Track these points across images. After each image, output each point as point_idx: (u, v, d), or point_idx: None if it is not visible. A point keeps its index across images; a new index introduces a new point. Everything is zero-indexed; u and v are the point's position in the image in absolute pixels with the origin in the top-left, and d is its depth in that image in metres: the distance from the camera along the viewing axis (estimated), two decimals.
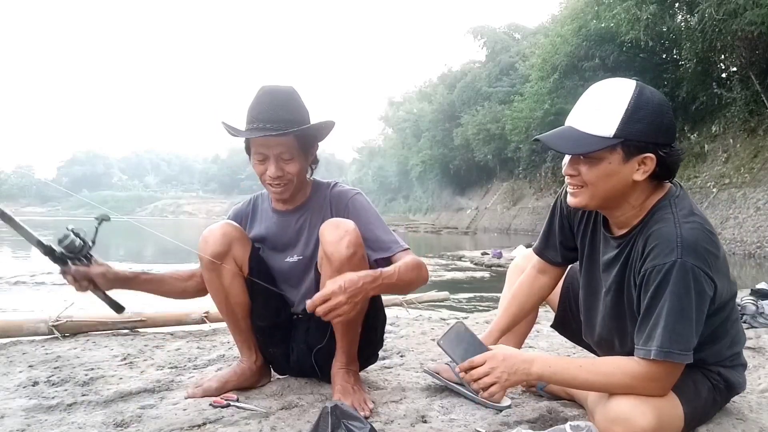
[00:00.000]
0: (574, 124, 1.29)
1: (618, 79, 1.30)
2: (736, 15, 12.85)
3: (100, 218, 1.61)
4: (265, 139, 1.65)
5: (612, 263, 1.42)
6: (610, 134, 1.24)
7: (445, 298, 4.58)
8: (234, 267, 1.75)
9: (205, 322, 2.97)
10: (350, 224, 1.63)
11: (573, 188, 1.36)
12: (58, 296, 4.76)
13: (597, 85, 1.32)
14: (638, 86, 1.26)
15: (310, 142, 1.74)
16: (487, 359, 1.33)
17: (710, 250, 1.25)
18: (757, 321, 2.94)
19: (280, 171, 1.68)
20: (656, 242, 1.26)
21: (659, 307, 1.24)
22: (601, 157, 1.27)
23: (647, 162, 1.27)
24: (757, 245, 11.56)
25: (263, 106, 1.66)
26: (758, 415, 1.59)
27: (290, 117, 1.65)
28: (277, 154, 1.67)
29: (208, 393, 1.76)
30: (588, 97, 1.31)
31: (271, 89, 1.70)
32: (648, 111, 1.24)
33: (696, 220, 1.28)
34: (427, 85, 48.22)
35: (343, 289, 1.41)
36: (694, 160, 15.95)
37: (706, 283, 1.23)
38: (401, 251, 1.70)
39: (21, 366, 2.14)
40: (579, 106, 1.32)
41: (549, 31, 22.85)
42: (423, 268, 1.66)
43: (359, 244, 1.61)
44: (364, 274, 1.48)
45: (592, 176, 1.30)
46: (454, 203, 39.26)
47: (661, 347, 1.22)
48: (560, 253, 1.67)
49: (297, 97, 1.71)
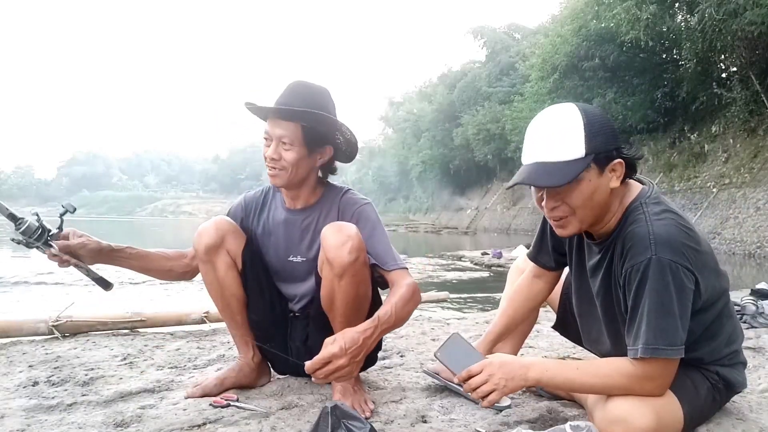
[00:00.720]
0: (540, 159, 1.31)
1: (557, 106, 1.34)
2: (736, 15, 12.85)
3: (64, 209, 1.65)
4: (273, 120, 1.67)
5: (597, 268, 1.44)
6: (582, 154, 1.27)
7: (445, 298, 4.58)
8: (227, 258, 1.75)
9: (205, 322, 2.97)
10: (353, 228, 1.62)
11: (559, 220, 1.37)
12: (58, 296, 4.76)
13: (539, 118, 1.35)
14: (579, 106, 1.32)
15: (318, 140, 1.71)
16: (485, 367, 1.34)
17: (686, 244, 1.26)
18: (757, 321, 2.94)
19: (277, 155, 1.67)
20: (631, 242, 1.29)
21: (641, 305, 1.26)
22: (581, 178, 1.29)
23: (617, 167, 1.32)
24: (757, 245, 11.56)
25: (285, 91, 1.70)
26: (758, 415, 1.59)
27: (303, 106, 1.65)
28: (279, 136, 1.67)
29: (207, 392, 1.76)
30: (539, 130, 1.33)
31: (301, 81, 1.73)
32: (599, 123, 1.30)
33: (668, 216, 1.30)
34: (427, 85, 48.19)
35: (345, 351, 1.37)
36: (694, 160, 15.96)
37: (686, 277, 1.24)
38: (397, 269, 1.67)
39: (21, 366, 2.14)
40: (534, 141, 1.33)
41: (549, 31, 22.81)
42: (417, 294, 1.62)
43: (361, 248, 1.60)
44: (363, 329, 1.44)
45: (578, 200, 1.32)
46: (454, 203, 39.26)
47: (646, 344, 1.24)
48: (553, 258, 1.68)
49: (323, 95, 1.72)
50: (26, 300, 4.81)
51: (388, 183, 60.50)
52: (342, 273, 1.57)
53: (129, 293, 5.04)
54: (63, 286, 5.50)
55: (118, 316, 2.82)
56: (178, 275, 1.89)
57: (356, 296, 1.62)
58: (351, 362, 1.39)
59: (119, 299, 4.53)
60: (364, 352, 1.44)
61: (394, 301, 1.56)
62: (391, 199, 60.80)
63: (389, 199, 60.91)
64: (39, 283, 5.70)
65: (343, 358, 1.37)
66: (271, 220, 1.85)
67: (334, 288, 1.61)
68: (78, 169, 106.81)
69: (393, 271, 1.66)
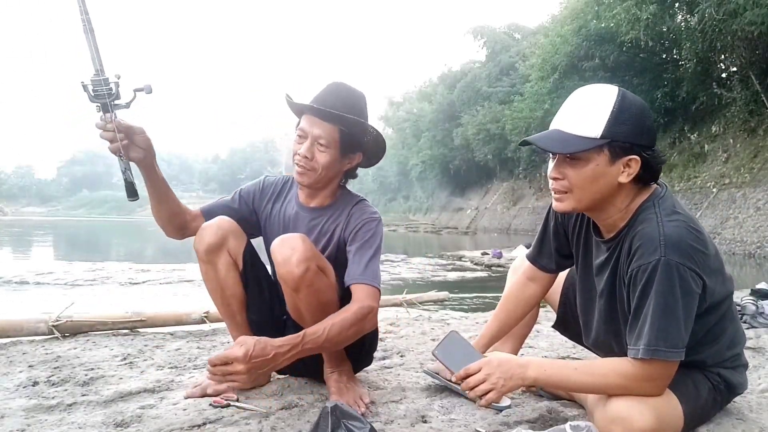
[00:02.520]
0: (561, 127, 1.32)
1: (601, 85, 1.33)
2: (736, 15, 12.84)
3: (141, 88, 1.44)
4: (311, 118, 1.66)
5: (603, 267, 1.43)
6: (597, 135, 1.27)
7: (445, 298, 4.58)
8: (228, 258, 1.73)
9: (205, 322, 2.97)
10: (297, 239, 1.58)
11: (558, 193, 1.37)
12: (58, 296, 4.77)
13: (581, 89, 1.35)
14: (621, 91, 1.30)
15: (352, 146, 1.72)
16: (483, 366, 1.34)
17: (696, 247, 1.26)
18: (757, 321, 2.94)
19: (310, 153, 1.66)
20: (640, 242, 1.28)
21: (646, 306, 1.25)
22: (588, 158, 1.29)
23: (632, 164, 1.30)
24: (757, 245, 11.56)
25: (326, 91, 1.69)
26: (758, 415, 1.59)
27: (343, 110, 1.65)
28: (316, 136, 1.66)
29: (207, 392, 1.76)
30: (573, 101, 1.34)
31: (341, 83, 1.73)
32: (631, 114, 1.28)
33: (679, 218, 1.29)
34: (427, 85, 48.13)
35: (247, 358, 1.34)
36: (694, 160, 15.95)
37: (693, 280, 1.24)
38: (359, 284, 1.59)
39: (21, 366, 2.14)
40: (564, 110, 1.34)
41: (549, 31, 22.79)
42: (365, 321, 1.55)
43: (310, 257, 1.55)
44: (280, 344, 1.40)
45: (578, 179, 1.31)
46: (454, 203, 39.24)
47: (648, 345, 1.23)
48: (555, 260, 1.67)
49: (362, 100, 1.72)
50: (26, 300, 4.81)
51: (388, 183, 60.47)
52: (297, 287, 1.56)
53: (129, 293, 5.06)
54: (63, 286, 5.51)
55: (118, 316, 2.83)
56: (178, 225, 1.74)
57: (319, 304, 1.61)
58: (250, 371, 1.35)
59: (119, 299, 4.54)
60: (271, 367, 1.41)
61: (331, 323, 1.50)
62: (391, 199, 60.79)
63: (389, 199, 60.89)
64: (39, 284, 5.70)
65: (242, 365, 1.34)
66: (283, 212, 1.83)
67: (296, 302, 1.62)
68: (78, 169, 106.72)
69: (354, 285, 1.60)
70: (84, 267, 6.89)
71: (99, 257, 9.30)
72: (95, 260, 8.03)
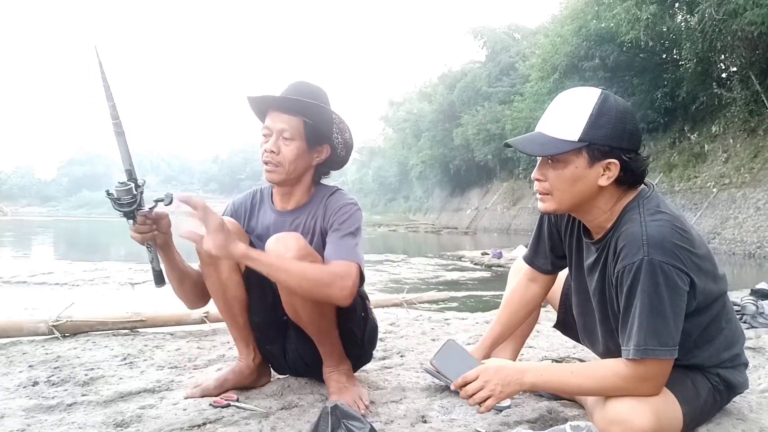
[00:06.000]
0: (543, 130, 1.34)
1: (584, 88, 1.34)
2: (736, 15, 12.84)
3: (161, 198, 1.53)
4: (274, 114, 1.68)
5: (593, 268, 1.44)
6: (575, 138, 1.28)
7: (445, 298, 4.59)
8: (230, 262, 1.73)
9: (205, 322, 2.97)
10: (291, 238, 1.58)
11: (541, 194, 1.39)
12: (58, 296, 4.76)
13: (564, 93, 1.37)
14: (603, 94, 1.31)
15: (318, 137, 1.72)
16: (480, 373, 1.34)
17: (680, 245, 1.26)
18: (757, 321, 2.94)
19: (276, 147, 1.68)
20: (624, 243, 1.29)
21: (633, 306, 1.26)
22: (567, 160, 1.30)
23: (611, 168, 1.30)
24: (757, 245, 11.55)
25: (287, 89, 1.72)
26: (758, 415, 1.59)
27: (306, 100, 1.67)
28: (280, 130, 1.67)
29: (207, 392, 1.76)
30: (556, 104, 1.35)
31: (302, 80, 1.76)
32: (611, 117, 1.28)
33: (663, 218, 1.29)
34: (427, 85, 48.11)
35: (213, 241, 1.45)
36: (694, 160, 15.95)
37: (679, 278, 1.24)
38: (337, 260, 1.58)
39: (21, 366, 2.14)
40: (547, 113, 1.36)
41: (549, 31, 22.78)
42: (333, 285, 1.52)
43: (305, 255, 1.56)
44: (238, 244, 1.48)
45: (558, 181, 1.33)
46: (454, 203, 39.23)
47: (637, 345, 1.24)
48: (550, 260, 1.68)
49: (322, 93, 1.75)
50: (26, 300, 4.81)
51: (388, 183, 60.49)
52: None
53: (129, 293, 5.06)
54: (63, 286, 5.51)
55: (118, 316, 2.83)
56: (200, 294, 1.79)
57: (314, 302, 1.61)
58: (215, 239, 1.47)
59: (119, 299, 4.53)
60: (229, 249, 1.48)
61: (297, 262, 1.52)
62: (391, 199, 60.79)
63: (389, 199, 60.90)
64: (39, 283, 5.70)
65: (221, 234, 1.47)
66: (260, 225, 1.82)
67: (292, 300, 1.63)
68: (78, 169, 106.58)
69: (334, 261, 1.58)
70: (84, 267, 6.88)
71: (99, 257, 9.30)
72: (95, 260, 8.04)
